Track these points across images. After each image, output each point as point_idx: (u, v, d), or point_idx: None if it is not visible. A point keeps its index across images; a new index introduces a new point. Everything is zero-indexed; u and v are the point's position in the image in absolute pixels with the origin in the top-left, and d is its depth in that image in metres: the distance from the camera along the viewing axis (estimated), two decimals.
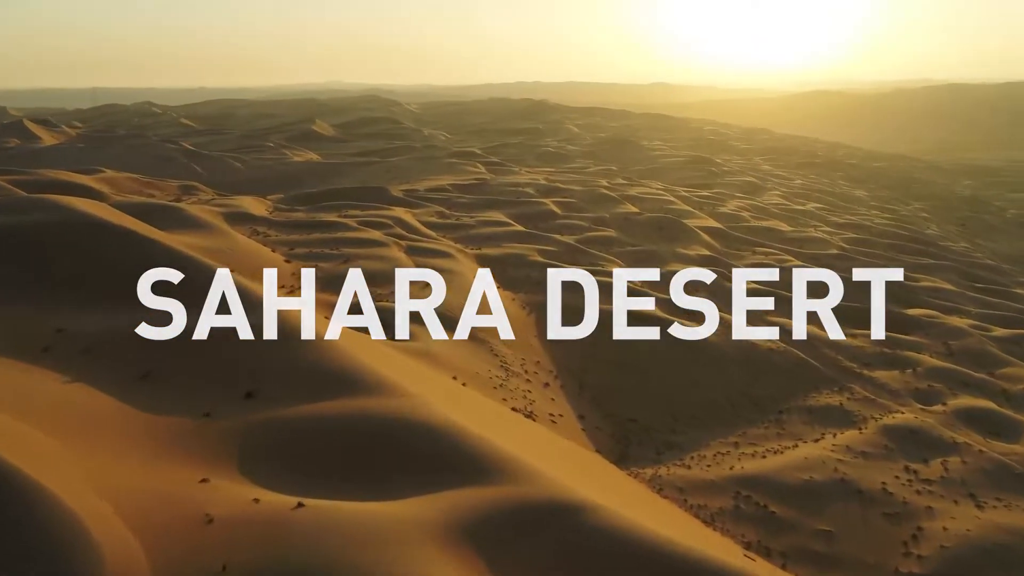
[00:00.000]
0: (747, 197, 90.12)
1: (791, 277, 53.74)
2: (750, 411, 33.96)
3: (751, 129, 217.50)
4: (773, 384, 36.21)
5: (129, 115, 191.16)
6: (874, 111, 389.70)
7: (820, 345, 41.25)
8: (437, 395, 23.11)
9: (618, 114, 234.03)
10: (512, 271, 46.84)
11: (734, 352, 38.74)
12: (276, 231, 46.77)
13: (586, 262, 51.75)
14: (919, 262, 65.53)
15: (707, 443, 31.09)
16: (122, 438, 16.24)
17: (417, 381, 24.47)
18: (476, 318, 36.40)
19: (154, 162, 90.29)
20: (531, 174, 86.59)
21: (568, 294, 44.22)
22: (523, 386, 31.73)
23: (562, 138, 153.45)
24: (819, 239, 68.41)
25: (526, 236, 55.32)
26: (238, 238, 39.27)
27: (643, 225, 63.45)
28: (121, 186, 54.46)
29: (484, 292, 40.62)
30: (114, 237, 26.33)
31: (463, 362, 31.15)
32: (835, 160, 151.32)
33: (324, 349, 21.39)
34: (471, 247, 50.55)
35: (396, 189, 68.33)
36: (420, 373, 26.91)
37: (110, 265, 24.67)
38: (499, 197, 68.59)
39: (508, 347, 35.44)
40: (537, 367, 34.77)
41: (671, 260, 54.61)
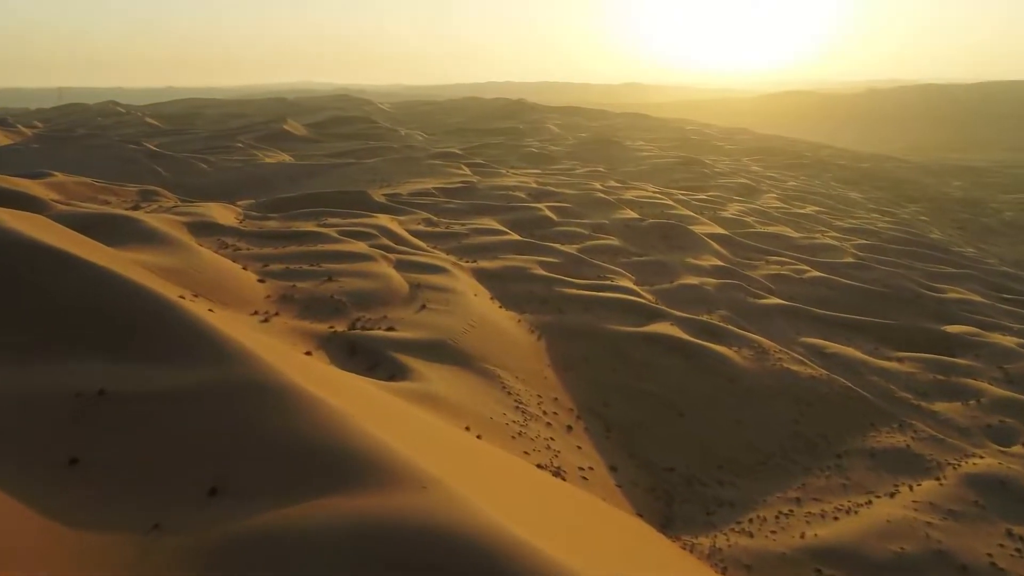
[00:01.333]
0: (745, 200, 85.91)
1: (820, 290, 49.51)
2: (804, 455, 29.24)
3: (732, 129, 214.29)
4: (823, 420, 31.55)
5: (92, 114, 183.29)
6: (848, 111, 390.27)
7: (865, 371, 36.73)
8: (455, 463, 18.18)
9: (597, 113, 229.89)
10: (514, 287, 41.85)
11: (772, 381, 34.06)
12: (247, 243, 41.37)
13: (592, 275, 46.92)
14: (940, 271, 61.46)
15: (764, 499, 26.31)
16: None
17: (427, 442, 19.48)
18: (482, 347, 31.43)
19: (114, 164, 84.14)
20: (519, 176, 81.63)
21: (578, 313, 39.42)
22: (544, 432, 26.73)
23: (544, 138, 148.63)
24: (830, 246, 64.17)
25: (524, 246, 50.35)
26: (203, 254, 33.87)
27: (646, 232, 58.76)
28: (71, 192, 48.68)
29: (488, 315, 35.66)
30: (42, 261, 20.91)
31: (473, 404, 26.09)
32: (823, 161, 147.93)
33: (314, 413, 16.25)
34: (466, 259, 45.49)
35: (377, 193, 62.99)
36: (428, 429, 21.82)
37: (34, 301, 19.29)
38: (489, 202, 63.55)
39: (520, 380, 30.43)
40: (555, 405, 29.78)
41: (683, 272, 49.93)
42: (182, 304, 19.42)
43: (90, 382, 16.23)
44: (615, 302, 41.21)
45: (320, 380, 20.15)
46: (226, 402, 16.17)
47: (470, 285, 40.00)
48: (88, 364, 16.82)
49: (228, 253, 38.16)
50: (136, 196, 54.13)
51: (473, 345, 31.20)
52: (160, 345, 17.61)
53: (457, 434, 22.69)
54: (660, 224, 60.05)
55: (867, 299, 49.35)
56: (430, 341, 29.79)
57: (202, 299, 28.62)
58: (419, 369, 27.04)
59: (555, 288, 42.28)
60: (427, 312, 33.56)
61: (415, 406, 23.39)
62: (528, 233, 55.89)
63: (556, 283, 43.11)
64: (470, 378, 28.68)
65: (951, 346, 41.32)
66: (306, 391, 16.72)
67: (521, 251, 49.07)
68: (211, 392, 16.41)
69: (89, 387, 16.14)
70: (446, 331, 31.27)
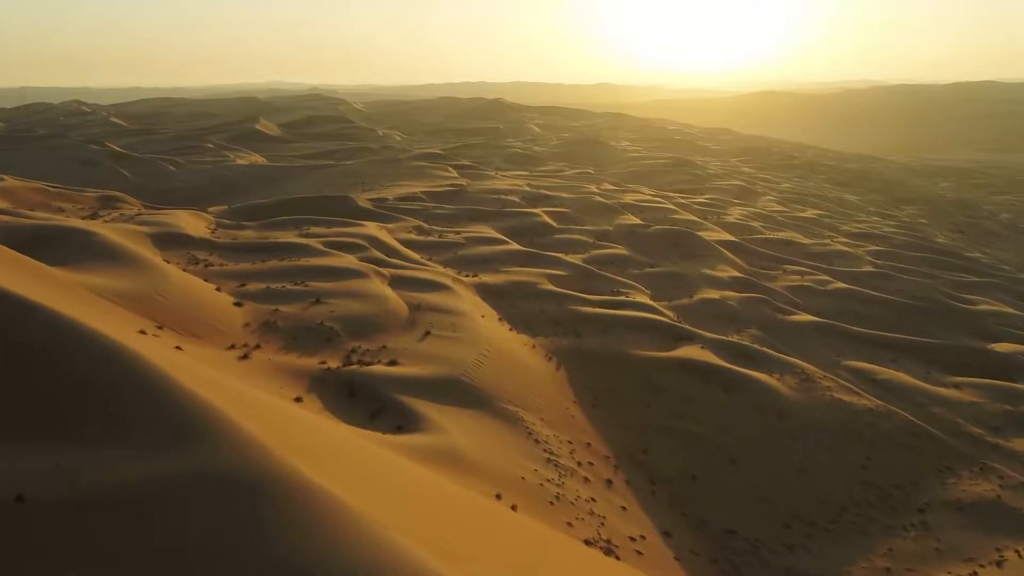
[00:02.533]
0: (744, 203, 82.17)
1: (847, 303, 45.59)
2: (881, 509, 25.02)
3: (714, 129, 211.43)
4: (893, 464, 27.37)
5: (56, 114, 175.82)
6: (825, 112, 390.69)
7: (924, 401, 32.66)
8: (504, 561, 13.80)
9: (576, 113, 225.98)
10: (523, 305, 37.36)
11: (826, 416, 29.86)
12: (221, 257, 36.49)
13: (605, 289, 42.56)
14: (961, 279, 57.88)
15: (846, 568, 22.04)
16: None
17: (465, 533, 14.99)
18: (500, 382, 26.90)
19: (74, 166, 78.56)
20: (509, 179, 77.19)
21: (597, 335, 35.05)
22: (583, 491, 22.25)
23: (526, 138, 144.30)
24: (844, 253, 60.42)
25: (526, 257, 45.88)
26: (169, 273, 28.98)
27: (654, 240, 54.54)
28: (21, 199, 43.44)
29: (500, 341, 31.14)
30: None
31: (501, 461, 21.54)
32: (812, 162, 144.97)
33: (326, 526, 11.63)
34: (465, 273, 40.94)
35: (361, 198, 58.16)
36: (453, 501, 17.26)
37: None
38: (482, 207, 59.04)
39: (547, 423, 25.93)
40: (589, 452, 25.31)
41: (701, 284, 45.71)
42: (136, 358, 14.64)
43: (5, 484, 11.50)
44: (635, 321, 36.86)
45: (323, 452, 15.59)
46: (196, 508, 11.48)
47: (475, 304, 35.44)
48: (5, 457, 12.08)
49: (199, 270, 33.25)
50: (95, 203, 48.93)
51: (489, 380, 26.64)
52: (103, 422, 12.88)
53: (492, 509, 18.13)
54: (667, 231, 55.89)
55: (899, 313, 45.46)
56: (441, 379, 25.18)
57: (168, 331, 23.80)
58: (432, 416, 22.43)
59: (567, 306, 37.85)
60: (432, 340, 28.94)
61: (434, 470, 18.79)
62: (527, 241, 51.49)
63: (568, 300, 38.70)
64: (491, 424, 24.12)
65: (1006, 368, 37.45)
66: (313, 489, 12.08)
67: (524, 263, 44.60)
68: (172, 492, 11.72)
69: (4, 492, 11.41)
70: (458, 365, 26.67)
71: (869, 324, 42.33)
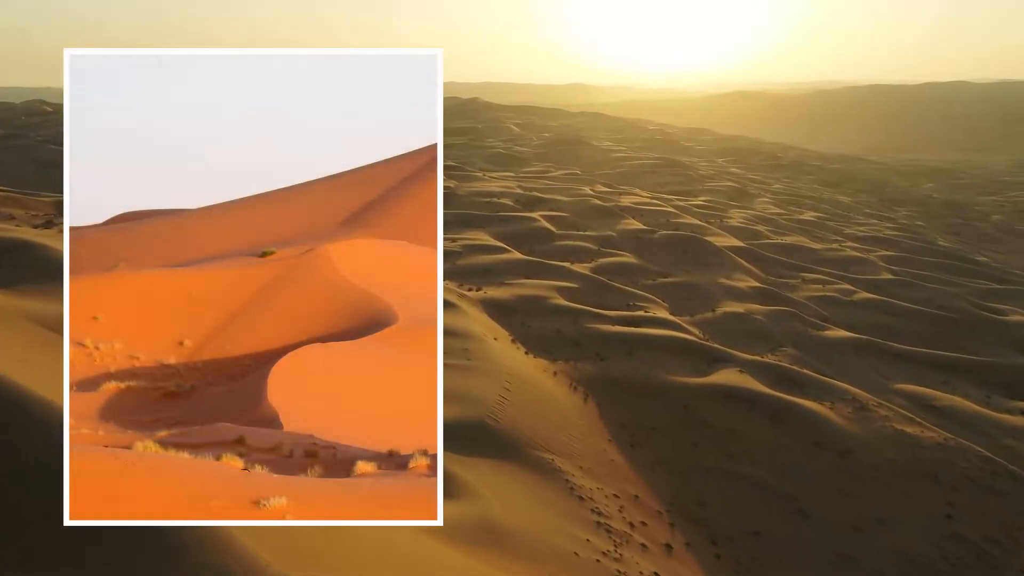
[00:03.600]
0: (742, 206, 78.98)
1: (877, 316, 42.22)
2: (980, 571, 21.42)
3: (693, 129, 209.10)
4: (980, 512, 23.79)
5: (16, 113, 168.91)
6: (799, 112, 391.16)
7: (992, 431, 29.24)
8: None
9: (553, 113, 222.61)
10: (536, 324, 33.44)
11: (895, 454, 26.24)
12: None
13: (620, 303, 38.77)
14: (982, 287, 54.84)
15: None
16: None
17: None
18: (527, 422, 22.94)
19: (32, 168, 73.41)
20: (499, 181, 73.30)
21: (623, 358, 31.25)
22: (644, 563, 18.33)
23: (506, 138, 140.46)
24: (857, 259, 57.21)
25: (531, 267, 41.95)
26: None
27: (661, 246, 50.88)
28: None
29: (519, 369, 27.19)
30: None
31: (546, 531, 17.56)
32: (797, 162, 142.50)
33: None
34: (469, 286, 36.95)
35: None
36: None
37: None
38: (475, 211, 55.06)
39: (586, 472, 22.00)
40: (640, 508, 21.42)
41: (721, 295, 42.08)
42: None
43: None
44: (661, 341, 33.10)
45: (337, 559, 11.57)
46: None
47: (485, 325, 31.45)
48: None
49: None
50: (51, 208, 44.34)
51: (516, 421, 22.67)
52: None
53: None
54: (674, 236, 52.27)
55: (932, 325, 42.16)
56: (465, 423, 21.18)
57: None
58: (462, 476, 18.38)
59: (584, 323, 34.00)
60: (446, 372, 24.87)
61: (481, 558, 14.76)
62: (528, 249, 47.58)
63: (583, 316, 34.85)
64: (527, 479, 20.13)
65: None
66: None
67: (530, 273, 40.69)
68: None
69: None
70: (480, 403, 22.69)
71: (907, 339, 38.92)
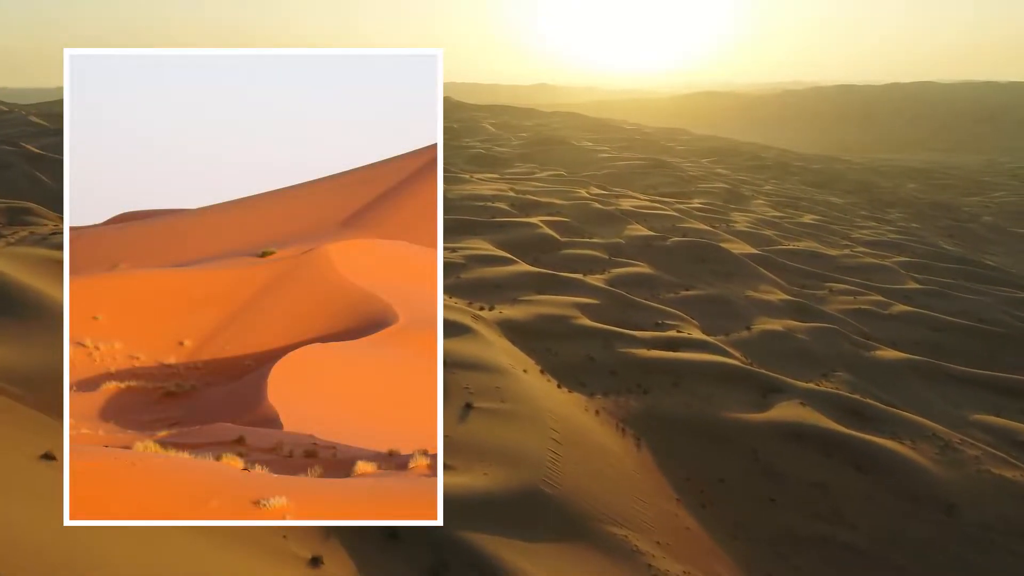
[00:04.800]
0: (741, 208, 75.59)
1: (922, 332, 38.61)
2: None
3: (670, 129, 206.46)
4: None
5: None
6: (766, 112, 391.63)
7: None
8: None
9: (527, 112, 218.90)
10: (563, 350, 29.16)
11: (1004, 510, 22.39)
12: None
13: (648, 321, 34.67)
14: (1009, 295, 51.65)
15: None
16: None
17: None
18: (586, 486, 18.63)
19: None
20: (488, 183, 68.93)
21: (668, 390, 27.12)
22: None
23: (483, 138, 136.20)
24: (877, 266, 53.82)
25: (543, 281, 37.71)
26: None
27: (676, 254, 46.94)
28: None
29: (561, 411, 22.91)
30: None
31: None
32: (780, 163, 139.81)
33: None
34: (479, 304, 32.61)
35: None
36: None
37: None
38: (471, 217, 50.69)
39: (665, 549, 17.75)
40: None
41: (753, 311, 38.17)
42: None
43: None
44: (704, 368, 29.04)
45: None
46: None
47: (509, 354, 27.12)
48: None
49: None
50: (1, 217, 39.11)
51: (574, 484, 18.35)
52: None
53: None
54: (688, 243, 48.42)
55: (982, 342, 38.70)
56: (519, 493, 16.79)
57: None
58: (525, 570, 14.00)
59: (616, 347, 29.82)
60: (479, 418, 20.52)
61: None
62: (534, 259, 43.35)
63: (613, 339, 30.67)
64: (600, 564, 15.83)
65: None
66: None
67: (542, 288, 36.47)
68: None
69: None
70: (529, 463, 18.32)
71: (961, 359, 35.30)
